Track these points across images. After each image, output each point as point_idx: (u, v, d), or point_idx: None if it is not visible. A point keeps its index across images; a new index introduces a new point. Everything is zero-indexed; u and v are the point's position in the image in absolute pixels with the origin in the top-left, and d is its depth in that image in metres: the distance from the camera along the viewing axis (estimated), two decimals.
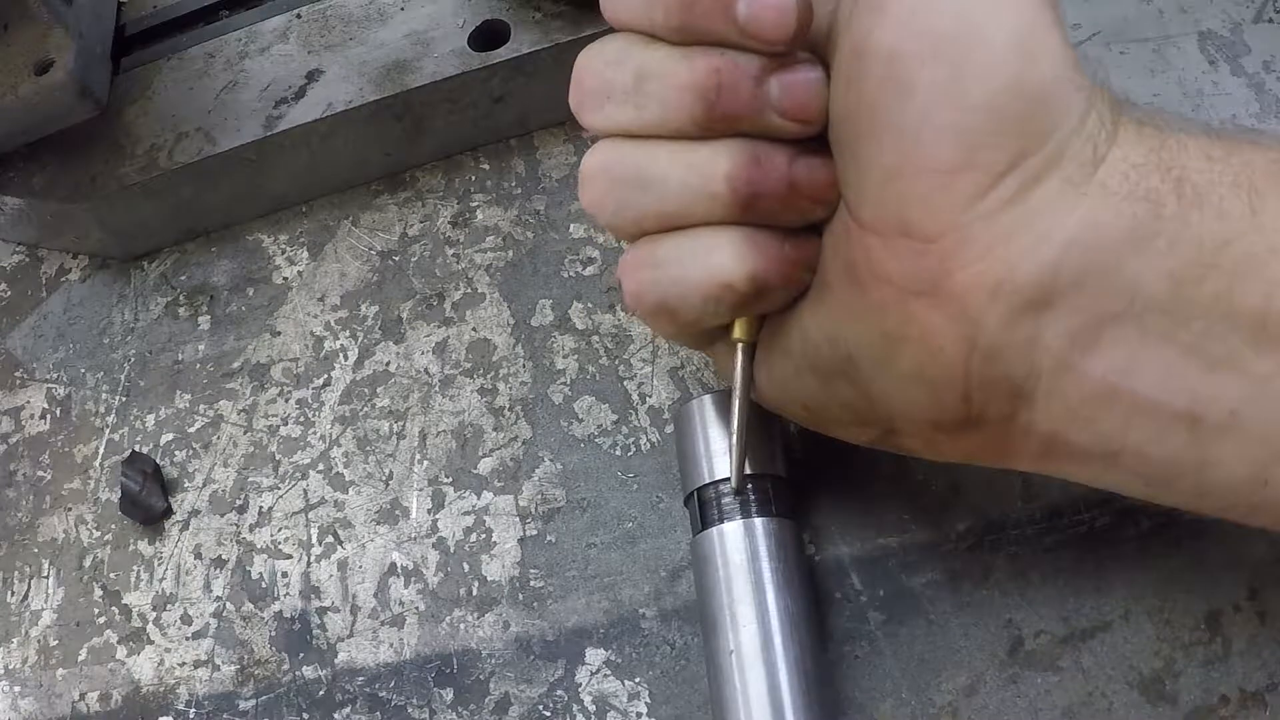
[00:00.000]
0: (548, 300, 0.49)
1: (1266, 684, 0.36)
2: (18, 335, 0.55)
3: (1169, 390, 0.27)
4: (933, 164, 0.27)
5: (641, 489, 0.44)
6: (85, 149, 0.52)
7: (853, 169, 0.29)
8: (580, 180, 0.32)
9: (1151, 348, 0.27)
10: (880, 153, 0.28)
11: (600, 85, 0.31)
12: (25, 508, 0.50)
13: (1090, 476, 0.30)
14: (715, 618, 0.38)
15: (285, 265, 0.53)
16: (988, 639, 0.39)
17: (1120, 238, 0.26)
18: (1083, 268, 0.26)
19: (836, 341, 0.31)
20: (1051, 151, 0.27)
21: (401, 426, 0.48)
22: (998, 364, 0.28)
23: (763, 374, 0.35)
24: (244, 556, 0.47)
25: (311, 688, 0.44)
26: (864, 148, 0.28)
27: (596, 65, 0.31)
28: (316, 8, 0.54)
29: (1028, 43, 0.27)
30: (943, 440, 0.32)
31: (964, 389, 0.29)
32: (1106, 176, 0.27)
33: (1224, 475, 0.27)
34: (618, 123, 0.31)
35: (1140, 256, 0.26)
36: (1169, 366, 0.26)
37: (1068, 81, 0.27)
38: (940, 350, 0.28)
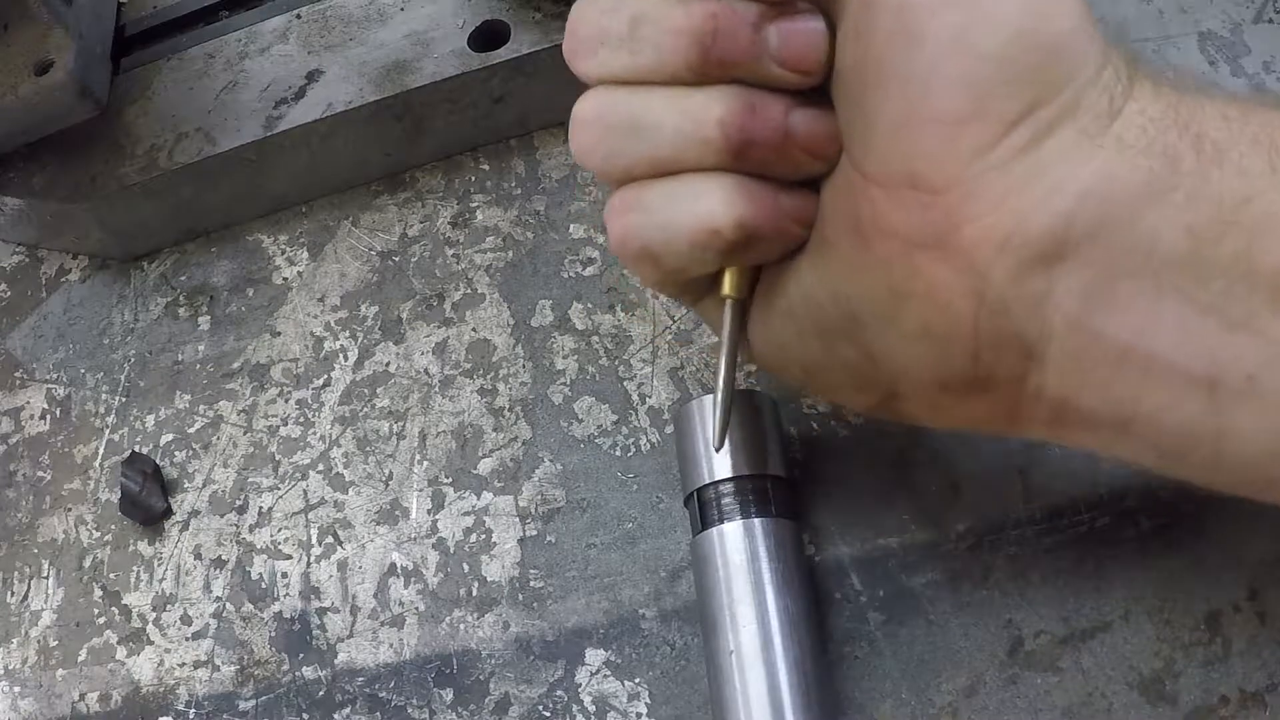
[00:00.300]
0: (548, 300, 0.49)
1: (1266, 684, 0.36)
2: (17, 335, 0.55)
3: (1186, 352, 0.26)
4: (941, 114, 0.26)
5: (641, 489, 0.44)
6: (85, 149, 0.52)
7: (859, 121, 0.28)
8: (571, 126, 0.32)
9: (1168, 306, 0.26)
10: (888, 103, 0.27)
11: (595, 32, 0.30)
12: (25, 508, 0.50)
13: (1102, 444, 0.29)
14: (715, 618, 0.38)
15: (285, 265, 0.53)
16: (988, 639, 0.39)
17: (1137, 191, 0.25)
18: (1097, 220, 0.25)
19: (839, 299, 0.30)
20: (1065, 102, 0.26)
21: (401, 427, 0.48)
22: (1007, 320, 0.27)
23: (761, 335, 0.34)
24: (244, 557, 0.47)
25: (311, 688, 0.44)
26: (871, 99, 0.28)
27: (591, 13, 0.31)
28: (316, 8, 0.54)
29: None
30: (949, 404, 0.31)
31: (972, 347, 0.28)
32: (1123, 129, 0.26)
33: (1240, 446, 0.26)
34: (611, 69, 0.30)
35: (1157, 211, 0.25)
36: (1186, 326, 0.26)
37: (1082, 33, 0.26)
38: (947, 305, 0.28)
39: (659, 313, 0.48)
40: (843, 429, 0.43)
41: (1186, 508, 0.39)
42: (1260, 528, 0.38)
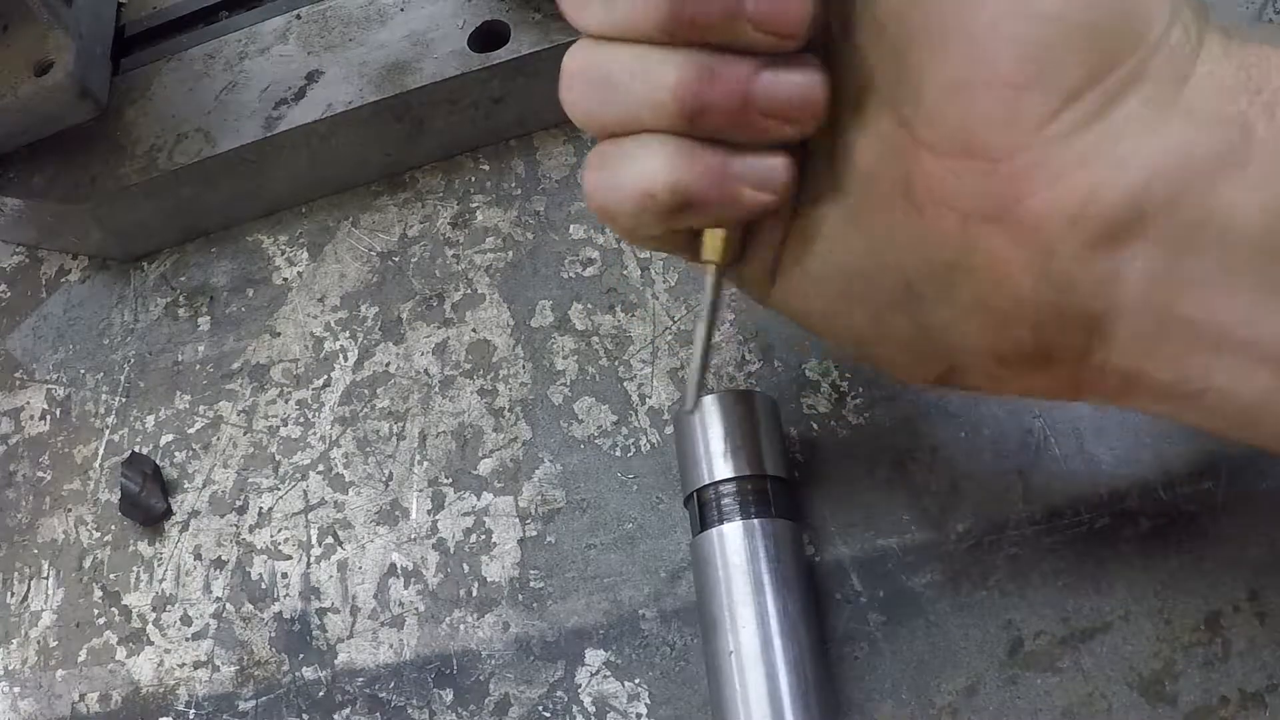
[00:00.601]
0: (547, 301, 0.49)
1: (1266, 685, 0.36)
2: (17, 336, 0.55)
3: (1258, 330, 0.25)
4: (1001, 78, 0.25)
5: (641, 490, 0.44)
6: (85, 150, 0.52)
7: (904, 77, 0.27)
8: (560, 79, 0.31)
9: (1240, 284, 0.25)
10: (941, 63, 0.26)
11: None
12: (25, 509, 0.50)
13: (1171, 413, 0.28)
14: (715, 619, 0.38)
15: (285, 266, 0.53)
16: (987, 640, 0.39)
17: (1209, 165, 0.24)
18: (1169, 196, 0.24)
19: (888, 269, 0.29)
20: (1133, 68, 0.24)
21: (401, 427, 0.48)
22: (1072, 297, 0.26)
23: (801, 304, 0.32)
24: (244, 557, 0.47)
25: (311, 689, 0.44)
26: (920, 55, 0.26)
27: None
28: (316, 9, 0.54)
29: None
30: (1009, 377, 0.29)
31: (1034, 321, 0.27)
32: (1193, 97, 0.25)
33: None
34: (598, 23, 0.29)
35: (1230, 186, 0.24)
36: (1259, 305, 0.25)
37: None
38: (1007, 279, 0.26)
39: (659, 313, 0.48)
40: (843, 429, 0.43)
41: (1186, 508, 0.39)
42: (1260, 529, 0.38)
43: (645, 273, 0.49)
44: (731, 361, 0.46)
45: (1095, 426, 0.41)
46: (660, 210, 0.29)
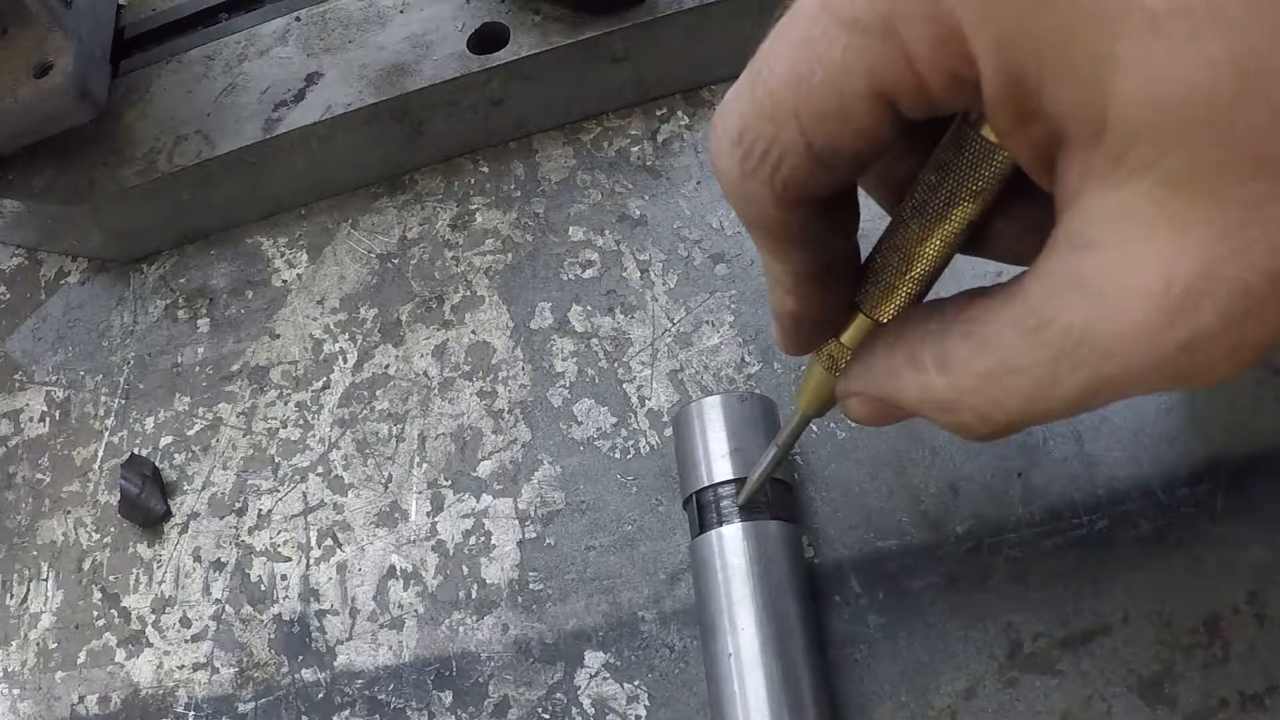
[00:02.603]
0: (547, 303, 0.49)
1: (1265, 687, 0.36)
2: (17, 338, 0.55)
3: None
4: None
5: (641, 492, 0.44)
6: (84, 152, 0.52)
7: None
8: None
9: None
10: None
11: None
12: (24, 510, 0.50)
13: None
14: (714, 621, 0.37)
15: (284, 268, 0.53)
16: (987, 642, 0.39)
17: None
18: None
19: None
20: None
21: (401, 429, 0.48)
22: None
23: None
24: (243, 559, 0.47)
25: (310, 690, 0.44)
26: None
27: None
28: (316, 11, 0.54)
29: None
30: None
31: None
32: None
33: None
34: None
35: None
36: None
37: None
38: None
39: (658, 315, 0.48)
40: (842, 431, 0.43)
41: (1185, 510, 0.39)
42: (1259, 531, 0.38)
43: (645, 275, 0.49)
44: (731, 363, 0.46)
45: (1094, 429, 0.41)
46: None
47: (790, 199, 0.24)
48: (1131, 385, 0.21)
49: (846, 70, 0.22)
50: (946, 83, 0.21)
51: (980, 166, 0.25)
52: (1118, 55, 0.18)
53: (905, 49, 0.21)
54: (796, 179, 0.24)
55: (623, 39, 0.49)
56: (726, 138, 0.24)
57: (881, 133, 0.23)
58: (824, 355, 0.30)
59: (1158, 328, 0.20)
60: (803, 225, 0.25)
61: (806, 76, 0.22)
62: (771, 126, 0.23)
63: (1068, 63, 0.19)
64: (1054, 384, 0.22)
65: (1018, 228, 0.27)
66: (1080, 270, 0.21)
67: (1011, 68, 0.20)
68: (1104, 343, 0.21)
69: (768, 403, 0.41)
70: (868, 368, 0.27)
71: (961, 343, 0.24)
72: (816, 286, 0.27)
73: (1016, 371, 0.23)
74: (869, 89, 0.22)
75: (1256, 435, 0.40)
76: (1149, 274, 0.20)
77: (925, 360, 0.25)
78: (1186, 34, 0.18)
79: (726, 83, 0.52)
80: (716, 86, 0.53)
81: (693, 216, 0.49)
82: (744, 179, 0.24)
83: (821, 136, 0.23)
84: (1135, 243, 0.20)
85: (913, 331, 0.26)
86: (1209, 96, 0.18)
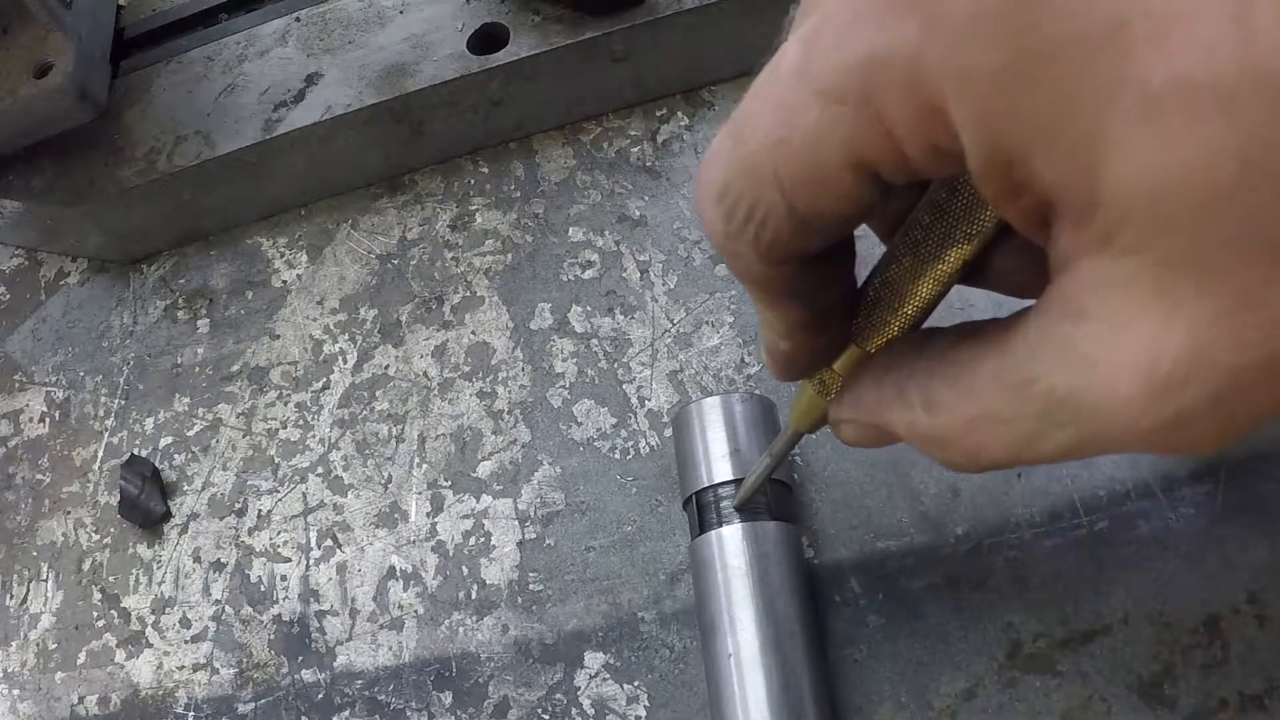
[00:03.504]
0: (547, 303, 0.49)
1: (1265, 688, 0.36)
2: (17, 338, 0.55)
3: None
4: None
5: (640, 492, 0.44)
6: (84, 152, 0.52)
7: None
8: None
9: None
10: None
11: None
12: (24, 511, 0.50)
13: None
14: (714, 621, 0.37)
15: (284, 268, 0.53)
16: (986, 642, 0.39)
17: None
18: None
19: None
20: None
21: (400, 430, 0.48)
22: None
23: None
24: (243, 560, 0.47)
25: (310, 691, 0.44)
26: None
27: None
28: (315, 11, 0.54)
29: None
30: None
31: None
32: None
33: None
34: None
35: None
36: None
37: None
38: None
39: (658, 316, 0.48)
40: None
41: (1185, 511, 0.39)
42: (1259, 532, 0.38)
43: (644, 275, 0.49)
44: (730, 364, 0.46)
45: None
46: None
47: (776, 258, 0.24)
48: (1116, 448, 0.21)
49: (823, 139, 0.21)
50: (928, 154, 0.20)
51: (974, 213, 0.24)
52: (1110, 135, 0.17)
53: (884, 120, 0.20)
54: (781, 240, 0.23)
55: (623, 39, 0.49)
56: (710, 194, 0.24)
57: (865, 198, 0.22)
58: (815, 379, 0.30)
59: (1142, 403, 0.19)
60: (792, 280, 0.25)
61: (785, 142, 0.21)
62: (753, 188, 0.22)
63: (1056, 141, 0.18)
64: (1038, 437, 0.22)
65: (1018, 263, 0.26)
66: (1069, 336, 0.20)
67: (997, 144, 0.19)
68: (1088, 409, 0.20)
69: (767, 403, 0.41)
70: (858, 397, 0.27)
71: (947, 387, 0.24)
72: (809, 333, 0.27)
73: (1000, 422, 0.22)
74: (847, 159, 0.21)
75: (1256, 435, 0.40)
76: (1137, 350, 0.19)
77: (912, 398, 0.25)
78: (1185, 117, 0.17)
79: (727, 83, 0.52)
80: (716, 86, 0.53)
81: (693, 217, 0.49)
82: (729, 238, 0.24)
83: (803, 201, 0.22)
84: (1125, 317, 0.19)
85: (901, 366, 0.26)
86: (1207, 183, 0.17)
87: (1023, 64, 0.18)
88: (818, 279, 0.25)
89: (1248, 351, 0.18)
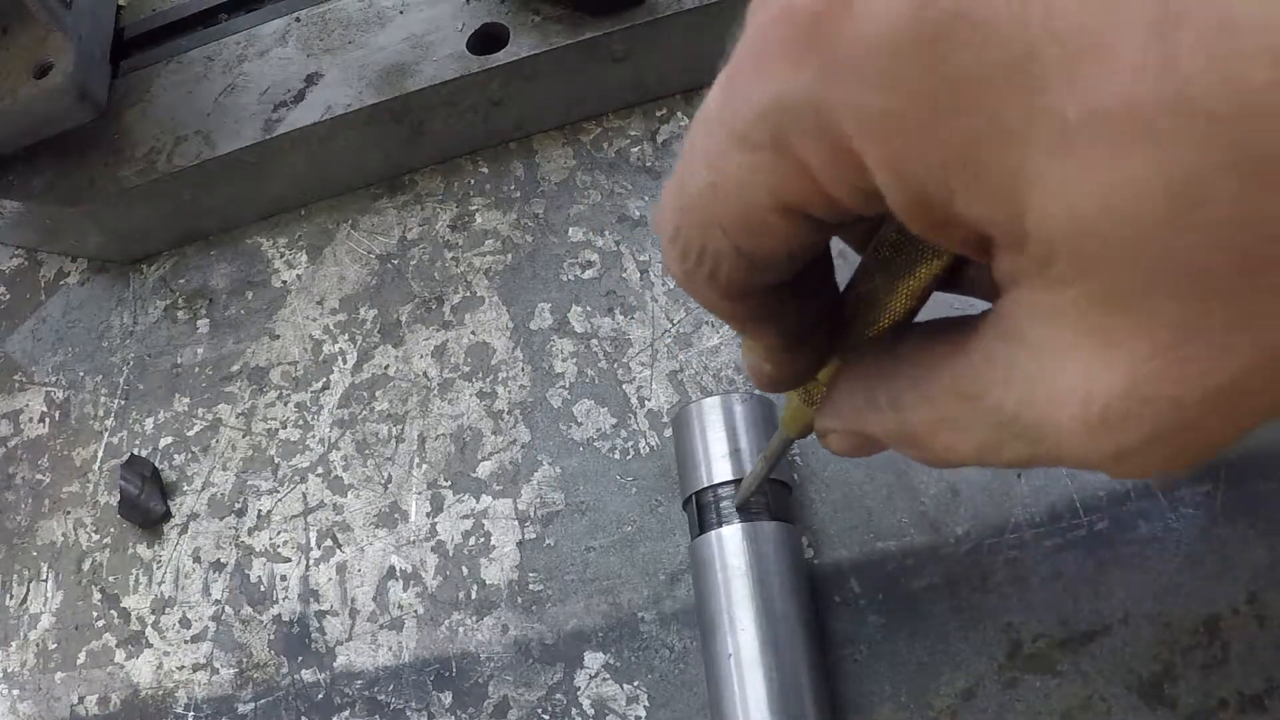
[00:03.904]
0: (547, 304, 0.49)
1: (1265, 688, 0.36)
2: (17, 339, 0.55)
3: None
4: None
5: (640, 492, 0.44)
6: (84, 152, 0.52)
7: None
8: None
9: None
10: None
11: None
12: (24, 511, 0.50)
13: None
14: (714, 621, 0.37)
15: (284, 268, 0.53)
16: (986, 643, 0.39)
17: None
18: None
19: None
20: None
21: (400, 430, 0.48)
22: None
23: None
24: (243, 560, 0.47)
25: (310, 691, 0.44)
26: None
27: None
28: (315, 11, 0.54)
29: None
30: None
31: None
32: None
33: None
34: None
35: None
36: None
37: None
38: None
39: (658, 316, 0.48)
40: None
41: (1185, 511, 0.39)
42: (1259, 532, 0.38)
43: (644, 275, 0.49)
44: (730, 364, 0.46)
45: None
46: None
47: (736, 294, 0.23)
48: (1073, 466, 0.21)
49: (747, 186, 0.20)
50: (854, 195, 0.19)
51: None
52: (1029, 171, 0.17)
53: (802, 164, 0.19)
54: (737, 278, 0.23)
55: (623, 39, 0.49)
56: (664, 236, 0.23)
57: (805, 239, 0.21)
58: (801, 389, 0.30)
59: (1082, 437, 0.19)
60: (760, 310, 0.24)
61: (715, 187, 0.21)
62: (699, 232, 0.22)
63: (974, 178, 0.17)
64: (997, 446, 0.22)
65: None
66: (1010, 358, 0.20)
67: (911, 186, 0.18)
68: (1035, 430, 0.20)
69: (767, 403, 0.41)
70: (836, 406, 0.27)
71: (910, 390, 0.23)
72: (789, 354, 0.27)
73: (960, 428, 0.22)
74: (774, 204, 0.20)
75: (1256, 435, 0.40)
76: (1073, 384, 0.19)
77: (881, 400, 0.24)
78: (1106, 149, 0.16)
79: None
80: None
81: None
82: (687, 277, 0.23)
83: (744, 244, 0.22)
84: (1061, 347, 0.19)
85: (870, 370, 0.25)
86: (1134, 217, 0.16)
87: (927, 104, 0.17)
88: (789, 304, 0.25)
89: (1190, 386, 0.18)
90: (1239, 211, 0.15)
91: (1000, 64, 0.16)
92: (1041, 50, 0.16)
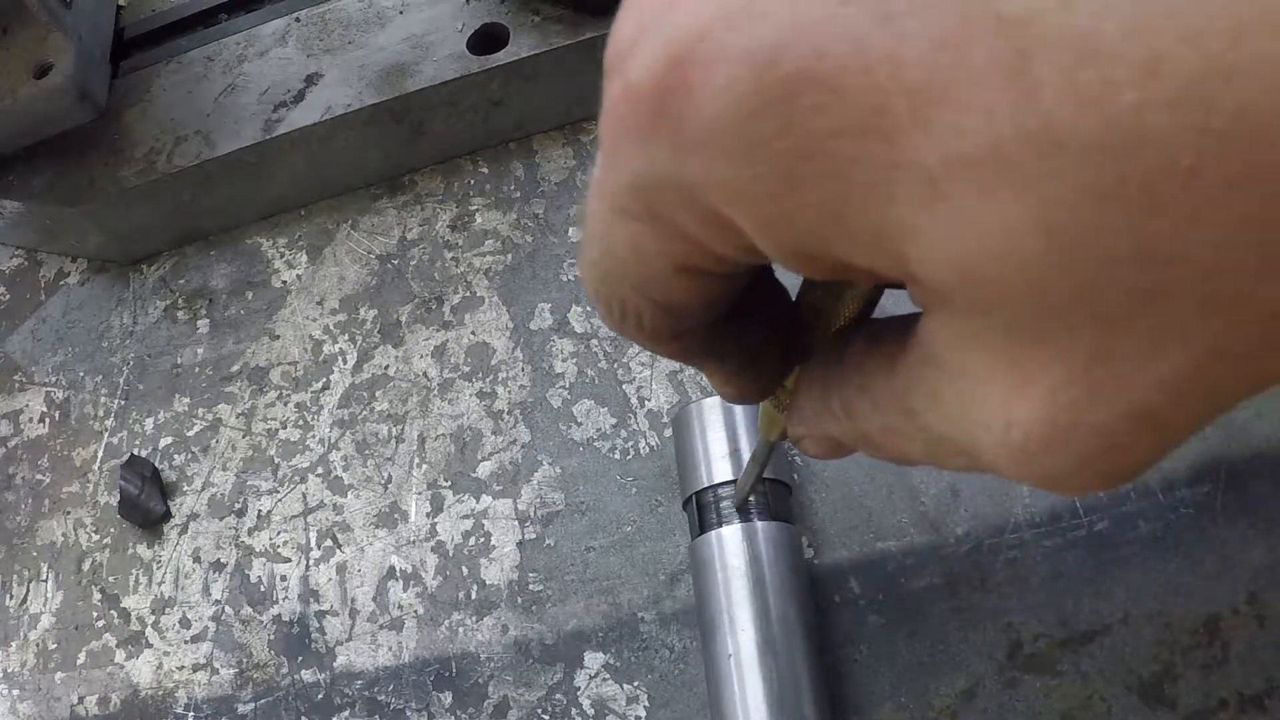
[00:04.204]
0: (546, 304, 0.49)
1: (1265, 688, 0.36)
2: (17, 339, 0.55)
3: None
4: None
5: (640, 492, 0.44)
6: (84, 152, 0.52)
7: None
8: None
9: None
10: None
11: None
12: (24, 511, 0.50)
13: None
14: (714, 621, 0.37)
15: (284, 269, 0.53)
16: (986, 643, 0.39)
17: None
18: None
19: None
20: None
21: (400, 430, 0.48)
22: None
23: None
24: (243, 560, 0.47)
25: (310, 691, 0.44)
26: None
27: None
28: (315, 11, 0.54)
29: None
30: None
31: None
32: None
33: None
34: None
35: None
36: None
37: None
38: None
39: None
40: None
41: (1185, 511, 0.39)
42: (1259, 532, 0.38)
43: None
44: None
45: None
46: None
47: (669, 337, 0.23)
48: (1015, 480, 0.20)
49: (639, 251, 0.20)
50: (744, 252, 0.19)
51: None
52: (901, 223, 0.16)
53: (681, 232, 0.19)
54: (663, 326, 0.22)
55: None
56: (589, 289, 0.23)
57: (714, 289, 0.21)
58: (771, 397, 0.30)
59: (1008, 461, 0.19)
60: (701, 346, 0.24)
61: (611, 252, 0.21)
62: (615, 290, 0.22)
63: (846, 234, 0.17)
64: (941, 456, 0.21)
65: None
66: (934, 381, 0.20)
67: (787, 245, 0.18)
68: (967, 449, 0.20)
69: None
70: (801, 412, 0.27)
71: (858, 397, 0.23)
72: (747, 374, 0.27)
73: (907, 437, 0.22)
74: (669, 266, 0.20)
75: (1256, 435, 0.40)
76: (992, 413, 0.18)
77: (835, 407, 0.24)
78: (975, 194, 0.15)
79: None
80: None
81: None
82: (618, 328, 0.23)
83: (659, 298, 0.21)
84: (978, 376, 0.18)
85: (824, 377, 0.25)
86: (1016, 258, 0.15)
87: (784, 168, 0.16)
88: (731, 333, 0.25)
89: (1109, 412, 0.17)
90: (1131, 243, 0.15)
91: (851, 122, 0.15)
92: (892, 104, 0.15)
